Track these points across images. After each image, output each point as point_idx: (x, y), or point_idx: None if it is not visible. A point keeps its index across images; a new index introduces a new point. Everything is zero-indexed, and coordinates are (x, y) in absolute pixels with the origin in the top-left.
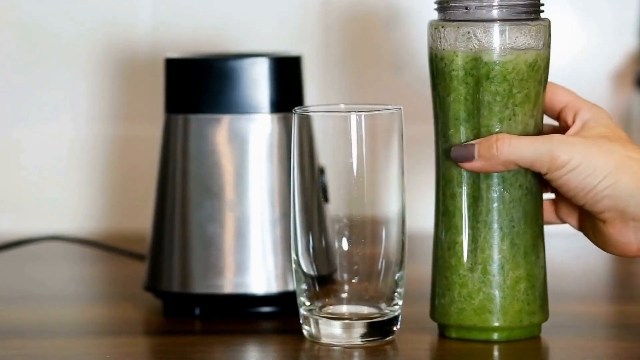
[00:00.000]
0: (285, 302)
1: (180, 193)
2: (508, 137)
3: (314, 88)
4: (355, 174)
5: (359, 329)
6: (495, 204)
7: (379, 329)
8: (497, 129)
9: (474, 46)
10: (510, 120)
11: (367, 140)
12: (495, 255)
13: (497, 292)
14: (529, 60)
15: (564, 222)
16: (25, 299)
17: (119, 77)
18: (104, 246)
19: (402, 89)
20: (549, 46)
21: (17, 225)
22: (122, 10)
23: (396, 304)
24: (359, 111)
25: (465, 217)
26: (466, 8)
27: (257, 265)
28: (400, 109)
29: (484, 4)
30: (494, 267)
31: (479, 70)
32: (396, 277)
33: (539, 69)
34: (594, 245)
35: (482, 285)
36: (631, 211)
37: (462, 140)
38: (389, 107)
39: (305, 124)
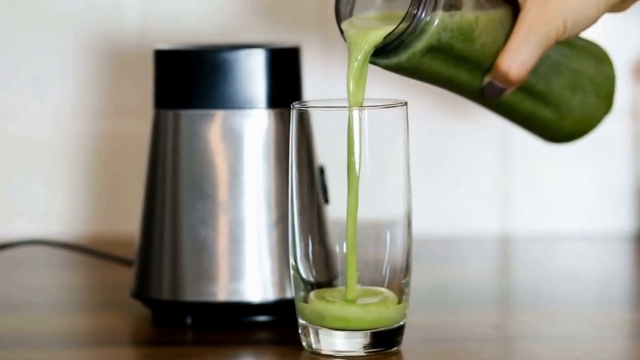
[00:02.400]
0: (282, 310)
1: (170, 194)
2: (507, 56)
3: (314, 81)
4: (357, 173)
5: (362, 339)
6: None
7: (383, 339)
8: (492, 61)
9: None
10: (491, 47)
11: (370, 138)
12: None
13: (589, 99)
14: (468, 19)
15: None
16: (6, 306)
17: (104, 70)
18: (90, 251)
19: (407, 84)
20: None
21: None
22: None
23: None
24: (361, 107)
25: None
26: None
27: (252, 271)
28: (405, 104)
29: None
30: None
31: (439, 51)
32: (401, 284)
33: (478, 20)
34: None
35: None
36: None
37: (482, 83)
38: (394, 102)
39: (304, 120)
